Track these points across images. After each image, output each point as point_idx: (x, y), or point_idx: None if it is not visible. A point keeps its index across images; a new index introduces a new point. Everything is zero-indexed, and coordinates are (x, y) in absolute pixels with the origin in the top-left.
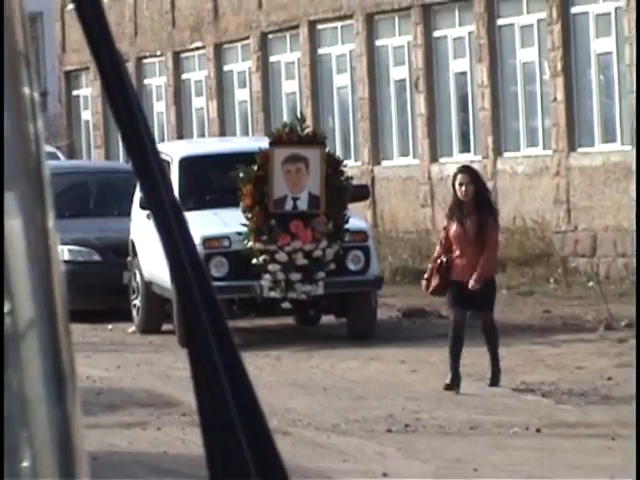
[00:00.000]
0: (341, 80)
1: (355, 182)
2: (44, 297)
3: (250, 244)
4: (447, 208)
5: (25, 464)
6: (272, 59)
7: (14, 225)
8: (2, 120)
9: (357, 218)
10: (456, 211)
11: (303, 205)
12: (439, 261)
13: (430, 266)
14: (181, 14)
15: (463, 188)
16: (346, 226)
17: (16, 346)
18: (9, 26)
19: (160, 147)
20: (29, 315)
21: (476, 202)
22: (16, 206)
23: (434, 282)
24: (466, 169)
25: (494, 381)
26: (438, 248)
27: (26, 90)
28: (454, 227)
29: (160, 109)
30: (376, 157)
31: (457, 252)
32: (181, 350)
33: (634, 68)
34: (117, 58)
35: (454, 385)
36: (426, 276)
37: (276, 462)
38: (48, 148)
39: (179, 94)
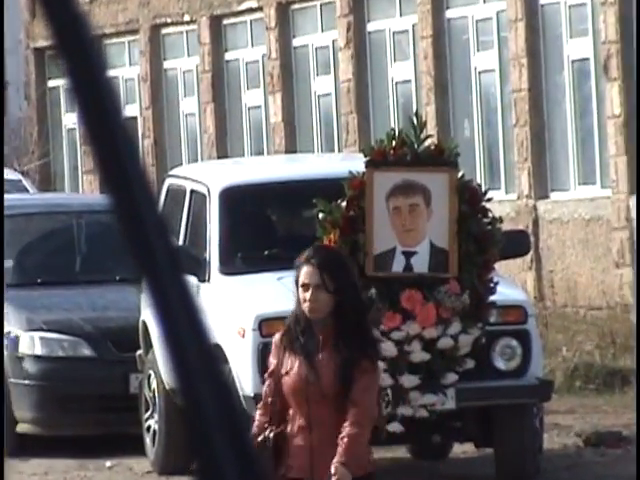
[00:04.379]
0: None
1: (507, 227)
2: None
3: None
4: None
5: None
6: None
7: None
8: (2, 120)
9: (510, 285)
10: (295, 339)
11: (422, 265)
12: (260, 437)
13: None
14: None
15: (308, 294)
16: (492, 298)
17: None
18: None
19: (186, 171)
20: None
21: (337, 324)
22: None
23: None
24: (317, 252)
25: None
26: (259, 411)
27: None
28: (292, 369)
29: (190, 108)
30: (542, 186)
31: (297, 418)
32: None
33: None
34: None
35: None
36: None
37: None
38: (8, 174)
39: (222, 85)
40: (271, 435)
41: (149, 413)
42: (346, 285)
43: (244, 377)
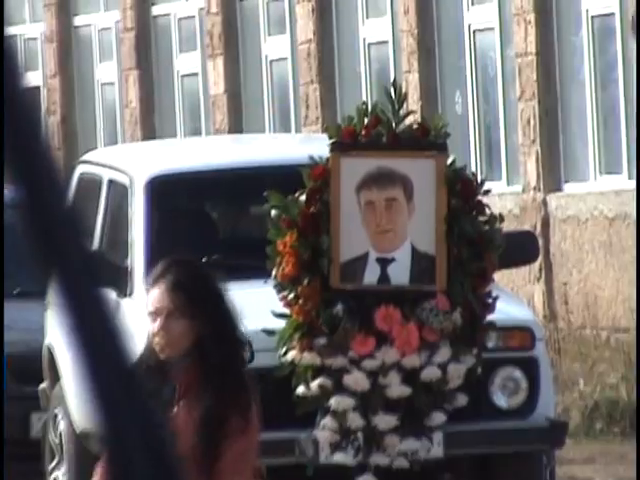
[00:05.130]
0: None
1: (509, 227)
2: None
3: (291, 354)
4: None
5: None
6: None
7: None
8: (2, 121)
9: (513, 301)
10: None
11: (402, 275)
12: None
13: None
14: None
15: (157, 324)
16: (490, 318)
17: None
18: None
19: (103, 156)
20: None
21: (200, 364)
22: None
23: None
24: (170, 267)
25: None
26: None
27: None
28: None
29: (108, 76)
30: (553, 175)
31: None
32: None
33: None
34: None
35: None
36: None
37: None
38: None
39: (148, 47)
40: None
41: (55, 462)
42: (211, 310)
43: None
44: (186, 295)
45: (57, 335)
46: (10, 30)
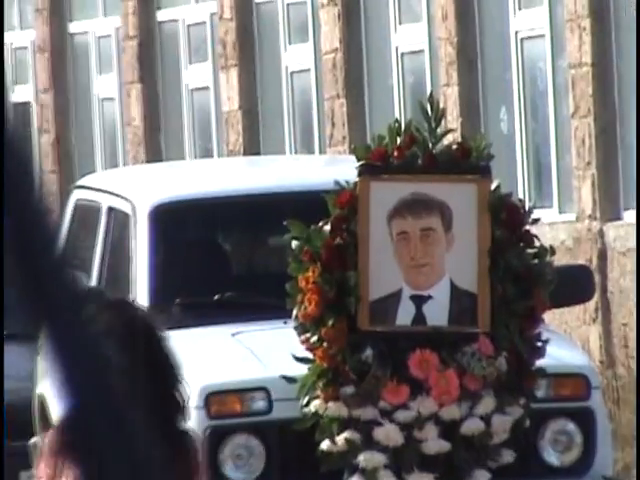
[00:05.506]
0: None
1: (561, 260)
2: None
3: (314, 405)
4: None
5: None
6: None
7: None
8: (2, 121)
9: (566, 345)
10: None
11: (439, 315)
12: None
13: None
14: None
15: None
16: (540, 363)
17: None
18: None
19: (102, 180)
20: None
21: None
22: None
23: None
24: (103, 312)
25: None
26: None
27: None
28: None
29: (107, 90)
30: (612, 202)
31: None
32: None
33: None
34: None
35: None
36: None
37: None
38: None
39: (153, 57)
40: None
41: None
42: (141, 368)
43: None
44: (117, 345)
45: (50, 383)
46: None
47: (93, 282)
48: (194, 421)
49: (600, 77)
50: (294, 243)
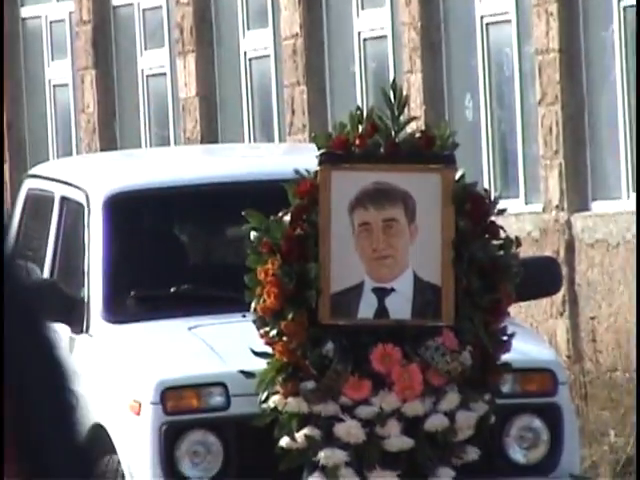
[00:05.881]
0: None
1: (527, 253)
2: None
3: (273, 400)
4: None
5: None
6: None
7: None
8: (2, 124)
9: (532, 339)
10: None
11: (403, 308)
12: None
13: None
14: None
15: None
16: (506, 358)
17: None
18: None
19: (55, 169)
20: None
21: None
22: None
23: None
24: None
25: None
26: None
27: None
28: None
29: (60, 76)
30: (579, 193)
31: None
32: None
33: None
34: None
35: None
36: None
37: None
38: None
39: (108, 43)
40: None
41: None
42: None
43: (139, 472)
44: None
45: None
46: None
47: (46, 274)
48: (150, 417)
49: (568, 63)
50: (253, 234)
